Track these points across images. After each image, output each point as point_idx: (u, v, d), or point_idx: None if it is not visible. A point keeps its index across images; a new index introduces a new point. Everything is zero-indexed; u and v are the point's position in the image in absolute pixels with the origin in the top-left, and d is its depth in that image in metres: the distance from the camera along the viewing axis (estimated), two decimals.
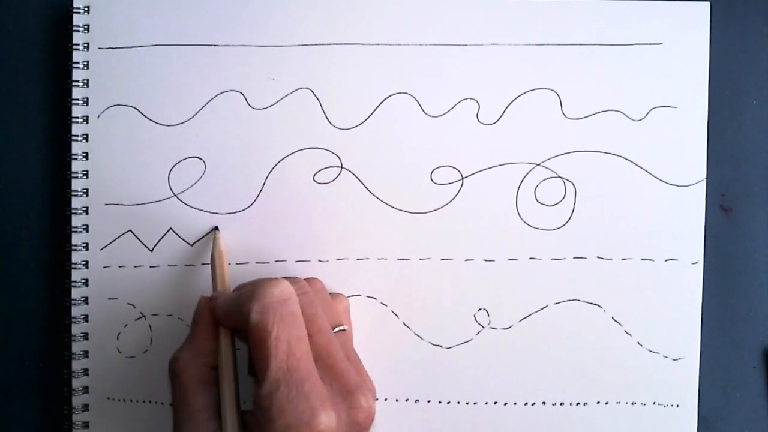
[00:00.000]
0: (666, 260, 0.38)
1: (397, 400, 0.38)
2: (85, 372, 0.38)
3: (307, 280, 0.34)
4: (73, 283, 0.37)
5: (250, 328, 0.29)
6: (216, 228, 0.37)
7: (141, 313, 0.38)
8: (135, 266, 0.38)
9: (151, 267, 0.38)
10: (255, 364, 0.29)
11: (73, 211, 0.37)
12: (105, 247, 0.38)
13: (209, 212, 0.38)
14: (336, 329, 0.33)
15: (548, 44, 0.38)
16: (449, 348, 0.38)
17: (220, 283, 0.35)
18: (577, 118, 0.38)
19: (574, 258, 0.38)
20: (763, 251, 0.39)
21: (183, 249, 0.38)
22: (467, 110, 0.38)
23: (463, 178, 0.38)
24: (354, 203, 0.38)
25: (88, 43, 0.37)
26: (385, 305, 0.38)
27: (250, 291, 0.30)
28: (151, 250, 0.38)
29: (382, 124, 0.37)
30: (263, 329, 0.28)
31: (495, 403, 0.38)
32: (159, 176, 0.38)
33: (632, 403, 0.38)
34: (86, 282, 0.38)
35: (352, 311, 0.37)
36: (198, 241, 0.38)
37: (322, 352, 0.30)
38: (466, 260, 0.38)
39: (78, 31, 0.37)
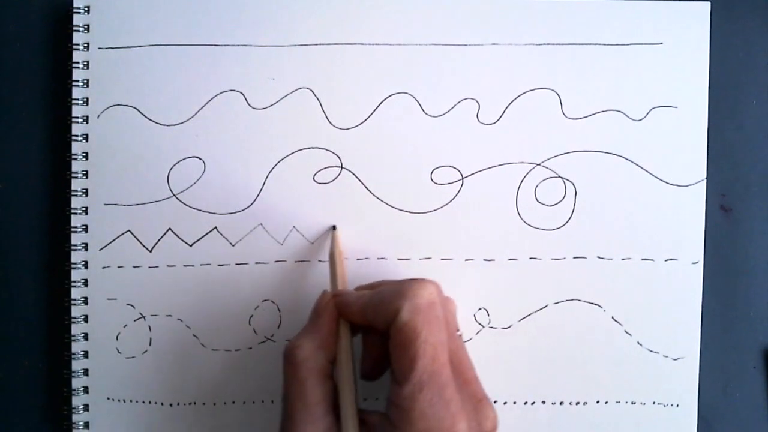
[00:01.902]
0: (666, 260, 0.38)
1: None
2: (85, 372, 0.38)
3: None
4: (72, 284, 0.37)
5: (399, 326, 0.28)
6: (334, 227, 0.37)
7: (140, 313, 0.38)
8: (134, 266, 0.38)
9: (150, 267, 0.38)
10: (396, 363, 0.29)
11: (72, 211, 0.37)
12: (104, 247, 0.38)
13: (209, 212, 0.38)
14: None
15: (548, 44, 0.38)
16: None
17: (341, 281, 0.35)
18: (577, 118, 0.38)
19: (574, 258, 0.38)
20: (763, 251, 0.39)
21: (182, 249, 0.38)
22: (467, 110, 0.38)
23: (463, 178, 0.38)
24: (354, 203, 0.38)
25: (88, 43, 0.37)
26: None
27: (398, 290, 0.29)
28: (150, 251, 0.38)
29: (382, 124, 0.37)
30: (413, 330, 0.28)
31: (495, 402, 0.38)
32: (158, 176, 0.37)
33: (632, 403, 0.38)
34: (86, 282, 0.38)
35: None
36: (197, 241, 0.38)
37: (454, 357, 0.29)
38: (466, 260, 0.38)
39: (78, 31, 0.37)
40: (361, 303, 0.31)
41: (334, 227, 0.37)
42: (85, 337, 0.38)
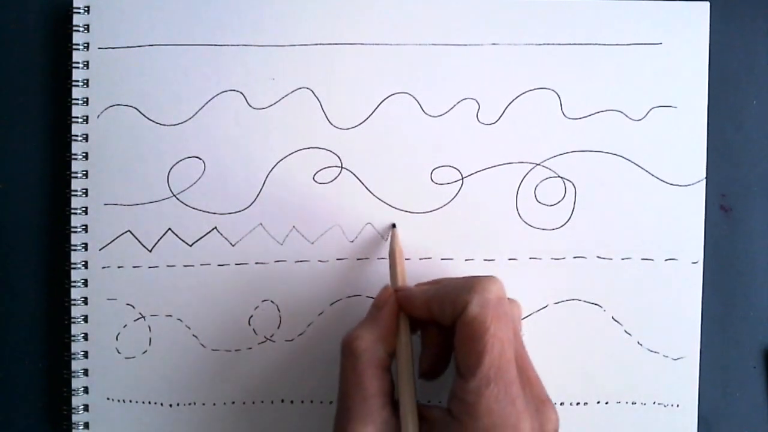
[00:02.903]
0: (666, 260, 0.38)
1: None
2: (85, 372, 0.38)
3: None
4: (72, 284, 0.37)
5: (467, 320, 0.28)
6: (394, 225, 0.37)
7: (140, 313, 0.38)
8: (134, 266, 0.38)
9: (150, 267, 0.38)
10: (462, 357, 0.29)
11: (72, 211, 0.37)
12: (104, 247, 0.38)
13: (209, 212, 0.38)
14: None
15: (548, 44, 0.38)
16: None
17: (400, 277, 0.35)
18: (577, 118, 0.38)
19: (574, 258, 0.38)
20: (763, 251, 0.39)
21: (182, 249, 0.38)
22: (467, 110, 0.38)
23: (463, 178, 0.38)
24: (354, 203, 0.38)
25: (88, 43, 0.37)
26: None
27: (467, 284, 0.29)
28: (150, 251, 0.38)
29: (382, 123, 0.37)
30: (481, 324, 0.28)
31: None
32: (158, 176, 0.37)
33: (632, 403, 0.38)
34: (85, 282, 0.37)
35: (351, 313, 0.38)
36: (197, 241, 0.38)
37: (517, 356, 0.29)
38: (466, 260, 0.38)
39: (78, 31, 0.37)
40: (426, 297, 0.31)
41: (393, 225, 0.37)
42: (85, 337, 0.38)
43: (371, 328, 0.31)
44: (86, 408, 0.38)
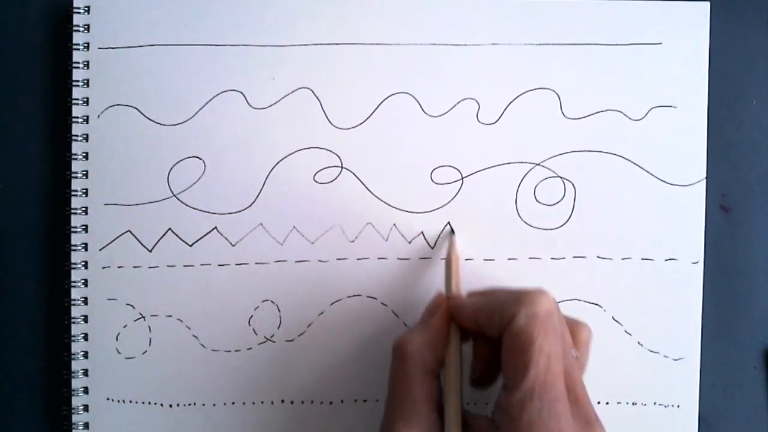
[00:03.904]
0: (666, 260, 0.38)
1: None
2: (85, 373, 0.38)
3: None
4: (72, 284, 0.37)
5: (513, 332, 0.28)
6: (452, 231, 0.37)
7: (140, 313, 0.38)
8: (134, 267, 0.38)
9: (150, 267, 0.38)
10: (507, 369, 0.28)
11: (72, 211, 0.37)
12: (104, 247, 0.38)
13: (209, 212, 0.38)
14: None
15: (548, 44, 0.38)
16: None
17: (455, 285, 0.35)
18: (577, 118, 0.38)
19: (574, 258, 0.38)
20: (763, 251, 0.39)
21: (182, 249, 0.38)
22: (467, 110, 0.38)
23: (463, 178, 0.38)
24: (354, 203, 0.38)
25: (88, 43, 0.37)
26: (386, 305, 0.38)
27: (515, 296, 0.29)
28: (150, 251, 0.38)
29: (383, 123, 0.37)
30: (528, 336, 0.28)
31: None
32: (158, 176, 0.37)
33: (632, 403, 0.38)
34: (86, 282, 0.37)
35: (352, 312, 0.38)
36: (197, 241, 0.38)
37: (566, 374, 0.29)
38: (466, 260, 0.38)
39: (78, 31, 0.37)
40: (475, 308, 0.31)
41: (452, 231, 0.37)
42: (85, 337, 0.37)
43: (422, 333, 0.32)
44: (86, 408, 0.38)
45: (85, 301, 0.37)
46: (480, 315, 0.30)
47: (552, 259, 0.38)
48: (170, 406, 0.38)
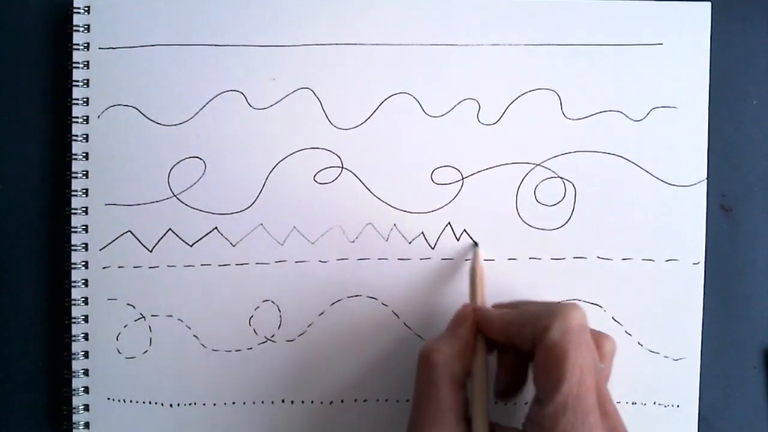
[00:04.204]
0: (667, 260, 0.38)
1: (397, 401, 0.38)
2: (86, 372, 0.38)
3: None
4: (72, 284, 0.37)
5: (547, 345, 0.28)
6: (476, 244, 0.37)
7: (140, 313, 0.38)
8: (134, 267, 0.38)
9: (150, 267, 0.38)
10: (539, 382, 0.29)
11: (72, 211, 0.37)
12: (104, 247, 0.38)
13: (209, 212, 0.38)
14: None
15: (548, 44, 0.38)
16: None
17: (479, 297, 0.35)
18: (577, 119, 0.38)
19: (575, 258, 0.38)
20: (763, 251, 0.39)
21: (183, 249, 0.38)
22: (468, 110, 0.38)
23: (463, 178, 0.38)
24: (354, 203, 0.38)
25: (88, 43, 0.37)
26: (386, 306, 0.38)
27: (548, 310, 0.29)
28: (151, 251, 0.38)
29: (383, 124, 0.37)
30: (562, 350, 0.28)
31: (495, 402, 0.38)
32: (159, 176, 0.37)
33: (632, 403, 0.38)
34: (86, 282, 0.37)
35: (351, 313, 0.38)
36: (197, 241, 0.38)
37: (596, 388, 0.29)
38: (467, 260, 0.38)
39: (78, 31, 0.37)
40: (505, 320, 0.31)
41: (476, 244, 0.37)
42: (86, 337, 0.38)
43: (450, 342, 0.32)
44: (86, 408, 0.38)
45: (86, 301, 0.37)
46: (511, 327, 0.31)
47: (552, 259, 0.38)
48: (170, 405, 0.38)
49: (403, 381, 0.38)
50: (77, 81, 0.37)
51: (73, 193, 0.37)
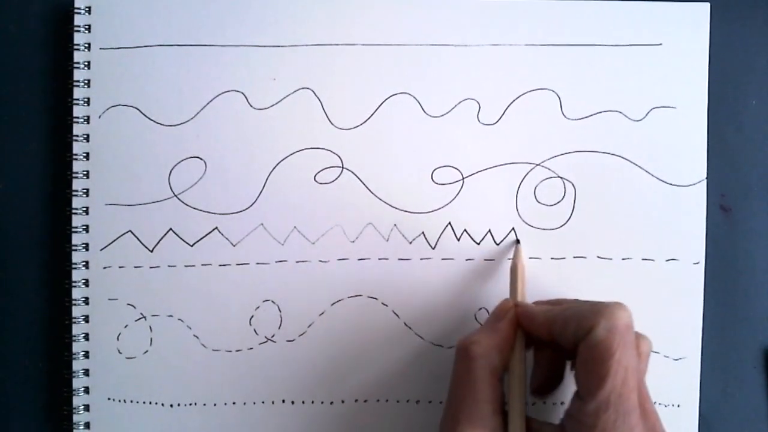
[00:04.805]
0: (667, 260, 0.38)
1: (398, 401, 0.38)
2: (86, 372, 0.38)
3: None
4: (73, 284, 0.37)
5: (592, 343, 0.28)
6: (517, 241, 0.37)
7: (141, 313, 0.38)
8: (135, 267, 0.38)
9: (151, 267, 0.38)
10: (582, 379, 0.29)
11: (73, 211, 0.37)
12: (105, 247, 0.38)
13: (210, 212, 0.38)
14: None
15: (548, 45, 0.38)
16: (450, 348, 0.38)
17: (520, 294, 0.35)
18: (577, 119, 0.38)
19: (574, 258, 0.38)
20: (763, 251, 0.39)
21: (183, 249, 0.38)
22: (468, 110, 0.38)
23: (463, 178, 0.38)
24: (355, 203, 0.38)
25: (89, 44, 0.37)
26: (386, 306, 0.38)
27: (594, 308, 0.29)
28: (151, 251, 0.38)
29: (383, 124, 0.38)
30: (607, 348, 0.28)
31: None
32: (159, 176, 0.38)
33: None
34: (86, 282, 0.38)
35: (351, 313, 0.38)
36: (198, 241, 0.38)
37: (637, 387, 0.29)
38: (467, 260, 0.38)
39: (79, 31, 0.37)
40: (548, 316, 0.31)
41: (518, 241, 0.37)
42: (86, 337, 0.37)
43: (489, 335, 0.32)
44: (87, 408, 0.38)
45: (86, 301, 0.37)
46: (554, 324, 0.31)
47: (552, 259, 0.38)
48: (171, 406, 0.38)
49: (403, 381, 0.38)
50: (78, 81, 0.37)
51: (73, 193, 0.37)
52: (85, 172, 0.37)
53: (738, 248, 0.39)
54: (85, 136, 0.37)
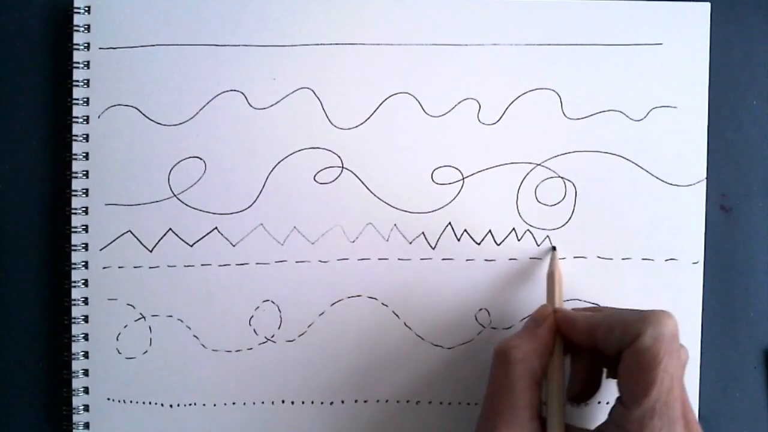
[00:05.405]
0: (666, 260, 0.38)
1: (398, 402, 0.38)
2: (85, 373, 0.37)
3: None
4: (72, 284, 0.37)
5: (639, 349, 0.28)
6: (554, 248, 0.37)
7: (140, 314, 0.38)
8: (135, 267, 0.38)
9: (150, 267, 0.38)
10: (627, 386, 0.29)
11: (72, 211, 0.37)
12: (105, 247, 0.37)
13: (209, 212, 0.38)
14: None
15: (548, 44, 0.38)
16: (450, 348, 0.38)
17: (558, 300, 0.35)
18: (578, 118, 0.38)
19: (575, 258, 0.38)
20: (763, 251, 0.39)
21: (183, 249, 0.38)
22: (468, 110, 0.38)
23: (463, 178, 0.38)
24: (355, 203, 0.38)
25: (88, 43, 0.37)
26: (386, 306, 0.38)
27: (641, 315, 0.29)
28: (151, 251, 0.38)
29: (383, 124, 0.37)
30: (654, 356, 0.28)
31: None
32: (159, 176, 0.37)
33: None
34: (86, 282, 0.37)
35: (351, 313, 0.38)
36: (198, 241, 0.38)
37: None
38: (467, 260, 0.38)
39: (79, 31, 0.37)
40: (591, 322, 0.31)
41: (554, 248, 0.37)
42: (86, 337, 0.37)
43: (529, 340, 0.32)
44: (86, 408, 0.38)
45: (86, 301, 0.37)
46: (597, 330, 0.31)
47: None
48: (171, 406, 0.38)
49: (403, 382, 0.38)
50: (77, 81, 0.37)
51: (73, 193, 0.37)
52: (84, 172, 0.37)
53: (738, 248, 0.39)
54: (84, 135, 0.37)
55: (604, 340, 0.30)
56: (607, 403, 0.36)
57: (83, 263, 0.37)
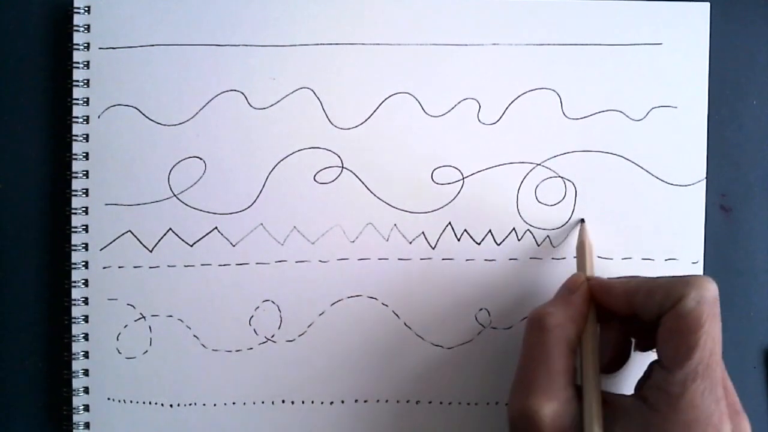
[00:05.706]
0: (666, 260, 0.38)
1: (398, 401, 0.38)
2: (86, 372, 0.38)
3: None
4: (72, 284, 0.37)
5: (681, 312, 0.28)
6: (582, 220, 0.37)
7: (141, 313, 0.38)
8: (135, 267, 0.38)
9: (150, 267, 0.38)
10: (668, 349, 0.29)
11: (72, 211, 0.37)
12: (105, 247, 0.37)
13: (209, 212, 0.38)
14: None
15: (548, 44, 0.38)
16: (450, 348, 0.38)
17: (589, 267, 0.35)
18: (578, 118, 0.38)
19: (575, 258, 0.38)
20: (763, 251, 0.39)
21: (183, 249, 0.38)
22: (468, 110, 0.38)
23: (463, 178, 0.38)
24: (355, 203, 0.38)
25: (88, 43, 0.37)
26: (386, 306, 0.38)
27: (683, 279, 0.29)
28: (151, 251, 0.38)
29: (383, 123, 0.37)
30: (697, 318, 0.28)
31: (497, 403, 0.38)
32: (159, 176, 0.37)
33: None
34: (86, 282, 0.37)
35: (351, 313, 0.38)
36: (197, 241, 0.38)
37: None
38: (467, 260, 0.38)
39: (78, 31, 0.37)
40: (628, 288, 0.31)
41: (582, 220, 0.37)
42: (86, 337, 0.37)
43: (563, 307, 0.32)
44: (87, 408, 0.38)
45: (86, 301, 0.37)
46: (636, 295, 0.31)
47: (553, 259, 0.38)
48: (171, 406, 0.38)
49: (403, 382, 0.38)
50: (77, 81, 0.37)
51: (73, 193, 0.37)
52: (84, 172, 0.37)
53: (738, 248, 0.39)
54: (84, 135, 0.37)
55: (644, 304, 0.30)
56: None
57: (83, 263, 0.37)
